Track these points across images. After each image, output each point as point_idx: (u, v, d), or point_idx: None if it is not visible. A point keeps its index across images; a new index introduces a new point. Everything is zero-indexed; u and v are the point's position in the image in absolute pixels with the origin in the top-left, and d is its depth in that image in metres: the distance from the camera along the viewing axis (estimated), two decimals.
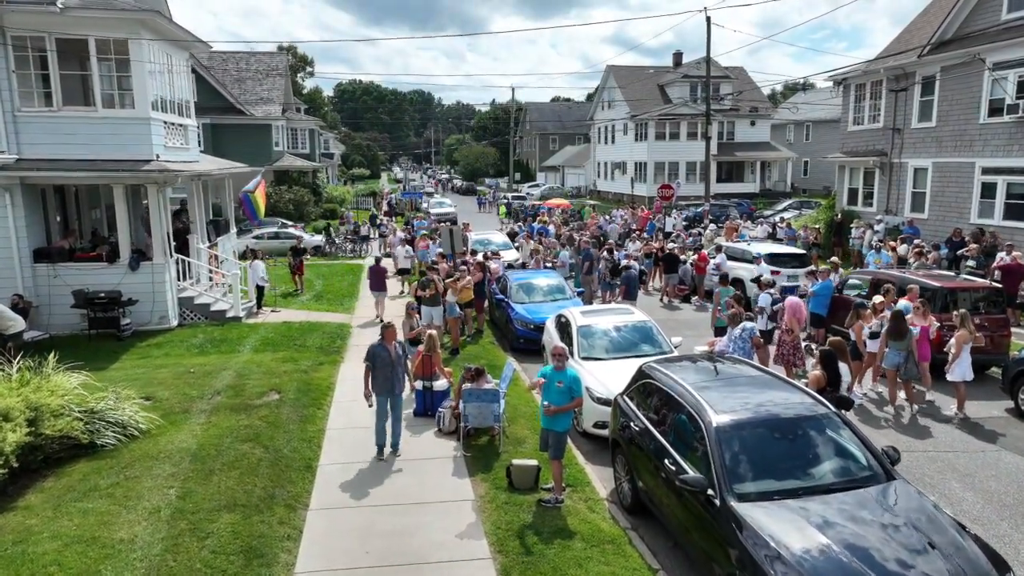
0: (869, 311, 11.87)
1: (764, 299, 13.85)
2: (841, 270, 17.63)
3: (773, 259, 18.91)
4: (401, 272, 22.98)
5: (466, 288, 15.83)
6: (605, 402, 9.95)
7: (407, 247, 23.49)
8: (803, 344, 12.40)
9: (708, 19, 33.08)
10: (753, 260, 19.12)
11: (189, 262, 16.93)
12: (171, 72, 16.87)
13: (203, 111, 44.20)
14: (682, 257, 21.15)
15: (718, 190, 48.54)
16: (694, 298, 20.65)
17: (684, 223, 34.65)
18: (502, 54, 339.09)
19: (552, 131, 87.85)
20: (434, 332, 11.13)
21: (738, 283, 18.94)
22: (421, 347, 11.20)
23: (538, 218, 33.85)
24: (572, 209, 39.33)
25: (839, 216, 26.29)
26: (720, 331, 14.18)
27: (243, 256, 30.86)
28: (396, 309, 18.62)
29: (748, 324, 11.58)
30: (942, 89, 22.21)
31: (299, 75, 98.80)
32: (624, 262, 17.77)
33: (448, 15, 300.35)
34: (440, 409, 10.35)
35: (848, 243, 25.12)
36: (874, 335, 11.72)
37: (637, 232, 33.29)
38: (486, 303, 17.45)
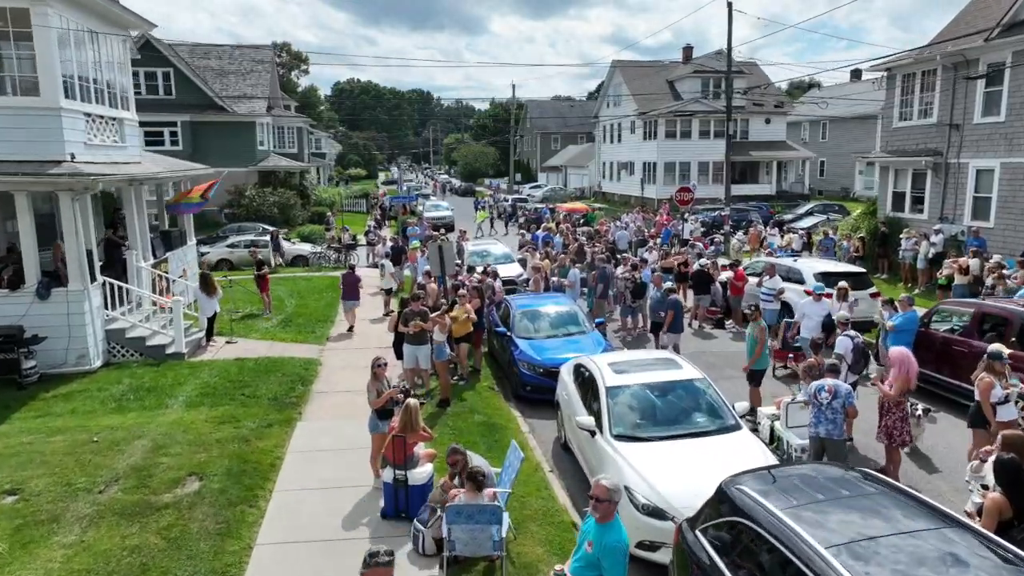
0: (1006, 363, 8.75)
1: (843, 344, 10.72)
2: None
3: (824, 279, 15.82)
4: (385, 291, 19.84)
5: (464, 321, 12.76)
6: (654, 512, 6.87)
7: (386, 263, 20.31)
8: (913, 409, 9.30)
9: (730, 5, 29.97)
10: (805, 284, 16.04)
11: (120, 286, 13.80)
12: (97, 53, 13.76)
13: (181, 108, 41.24)
14: (718, 276, 18.02)
15: (733, 192, 45.43)
16: (728, 323, 17.54)
17: (701, 229, 31.56)
18: (502, 54, 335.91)
19: (554, 130, 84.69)
20: (414, 403, 8.02)
21: (786, 308, 15.88)
22: (394, 420, 8.13)
23: (543, 224, 30.64)
24: (590, 215, 35.98)
25: (884, 225, 23.18)
26: (755, 376, 11.19)
27: (215, 268, 28.03)
28: (378, 335, 15.57)
29: (836, 384, 8.47)
30: (1014, 78, 19.12)
31: (293, 73, 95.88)
32: (668, 284, 14.57)
33: (447, 14, 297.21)
34: (417, 524, 7.21)
35: (896, 256, 22.04)
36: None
37: (651, 238, 30.25)
38: (484, 333, 14.37)
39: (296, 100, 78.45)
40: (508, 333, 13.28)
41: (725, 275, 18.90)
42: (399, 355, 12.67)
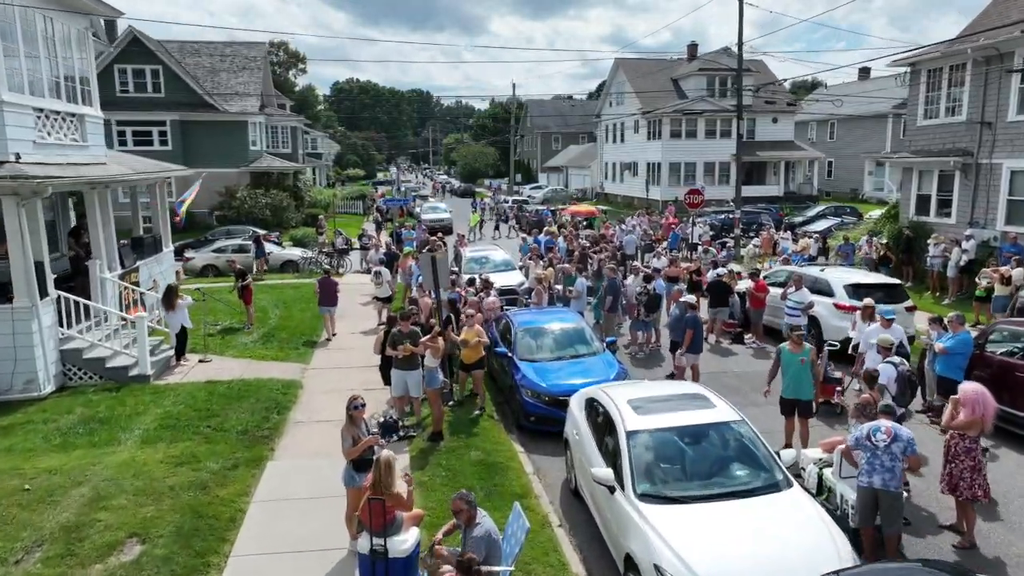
0: None
1: (887, 372, 9.32)
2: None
3: (856, 291, 14.44)
4: (381, 300, 18.39)
5: (476, 345, 11.40)
6: None
7: (382, 269, 18.78)
8: (982, 451, 7.90)
9: None
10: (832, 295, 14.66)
11: (77, 301, 12.38)
12: (51, 41, 12.37)
13: (170, 106, 39.82)
14: (736, 286, 16.62)
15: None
16: (748, 338, 16.14)
17: (710, 232, 30.15)
18: (502, 54, 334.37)
19: (555, 130, 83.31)
20: (387, 456, 6.60)
21: (814, 323, 14.49)
22: (369, 476, 6.74)
23: (545, 228, 29.18)
24: (594, 219, 34.32)
25: (908, 229, 21.77)
26: (787, 406, 9.84)
27: (201, 274, 26.62)
28: (368, 352, 14.17)
29: (895, 428, 7.07)
30: None
31: (291, 72, 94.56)
32: (687, 298, 12.99)
33: (446, 15, 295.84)
34: None
35: (922, 263, 20.66)
36: None
37: (656, 241, 28.84)
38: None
39: (294, 100, 77.16)
40: (509, 354, 11.86)
41: (743, 284, 17.53)
42: (387, 380, 11.28)
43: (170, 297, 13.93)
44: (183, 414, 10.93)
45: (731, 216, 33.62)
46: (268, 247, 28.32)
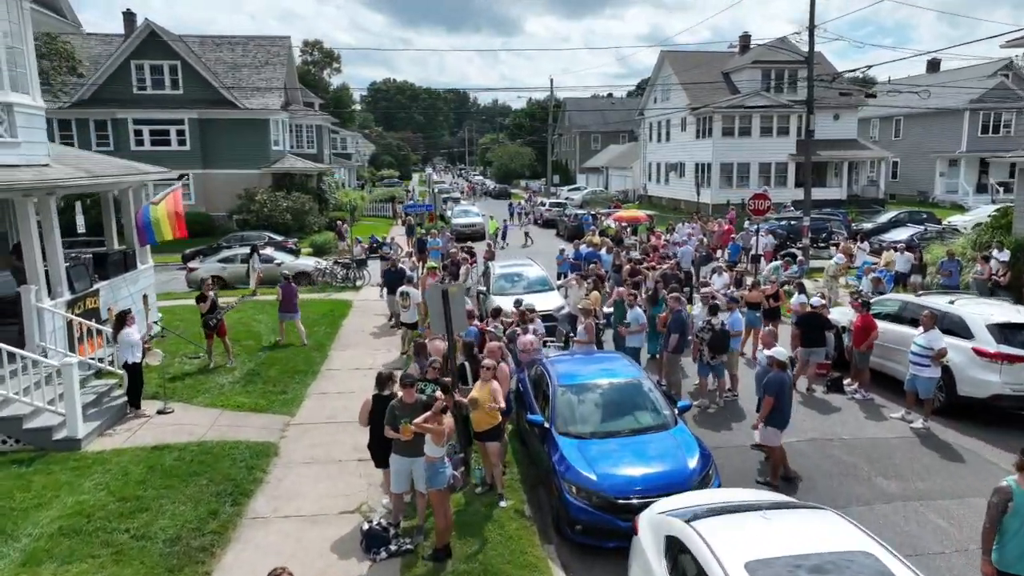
0: None
1: None
2: None
3: (1006, 334, 10.96)
4: (407, 325, 15.38)
5: (490, 411, 8.31)
6: None
7: (410, 289, 15.70)
8: None
9: None
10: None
11: None
12: None
13: (189, 104, 37.60)
14: (839, 322, 13.20)
15: (797, 196, 40.17)
16: (849, 384, 12.71)
17: (774, 242, 26.53)
18: (537, 53, 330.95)
19: (594, 129, 79.84)
20: None
21: (945, 373, 11.03)
22: None
23: (586, 237, 25.85)
24: (644, 225, 30.58)
25: None
26: None
27: (198, 289, 23.89)
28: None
29: None
30: None
31: (325, 71, 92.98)
32: (775, 353, 9.39)
33: (483, 16, 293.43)
34: None
35: None
36: None
37: (712, 250, 25.31)
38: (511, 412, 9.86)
39: (328, 99, 75.17)
40: (545, 424, 8.71)
41: (837, 313, 14.10)
42: (379, 462, 8.22)
43: (117, 325, 11.16)
44: (100, 507, 8.02)
45: (794, 222, 29.97)
46: (279, 256, 25.59)
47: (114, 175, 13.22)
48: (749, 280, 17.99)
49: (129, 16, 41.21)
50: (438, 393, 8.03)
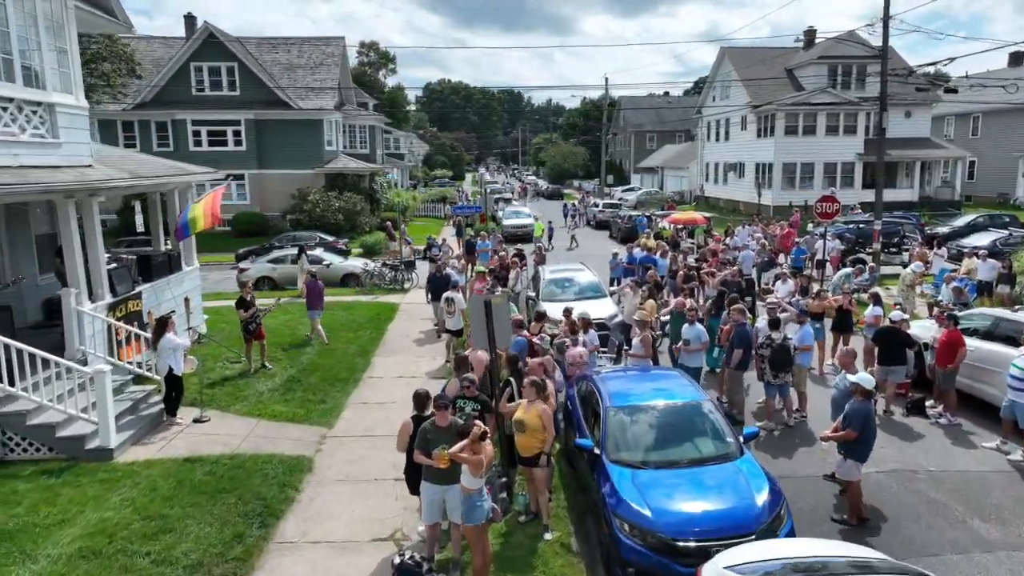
0: None
1: None
2: None
3: None
4: (451, 333, 14.79)
5: (538, 429, 7.64)
6: None
7: (455, 295, 15.13)
8: None
9: None
10: None
11: (21, 348, 9.34)
12: None
13: (245, 105, 38.04)
14: (921, 338, 12.03)
15: (865, 198, 38.24)
16: (932, 406, 11.53)
17: (840, 247, 25.05)
18: (592, 52, 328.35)
19: (649, 128, 78.18)
20: None
21: None
22: None
23: (639, 240, 24.84)
24: (701, 228, 29.19)
25: None
26: None
27: (256, 287, 23.74)
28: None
29: None
30: None
31: (380, 72, 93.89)
32: (860, 380, 8.20)
33: (537, 15, 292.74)
34: None
35: None
36: None
37: (774, 254, 23.90)
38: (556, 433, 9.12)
39: (383, 100, 75.74)
40: (596, 450, 7.94)
41: (917, 327, 12.88)
42: (414, 488, 7.60)
43: (157, 332, 10.85)
44: (123, 526, 7.63)
45: (863, 226, 28.33)
46: (328, 257, 25.43)
47: (156, 176, 13.02)
48: (815, 287, 16.84)
49: (190, 19, 41.99)
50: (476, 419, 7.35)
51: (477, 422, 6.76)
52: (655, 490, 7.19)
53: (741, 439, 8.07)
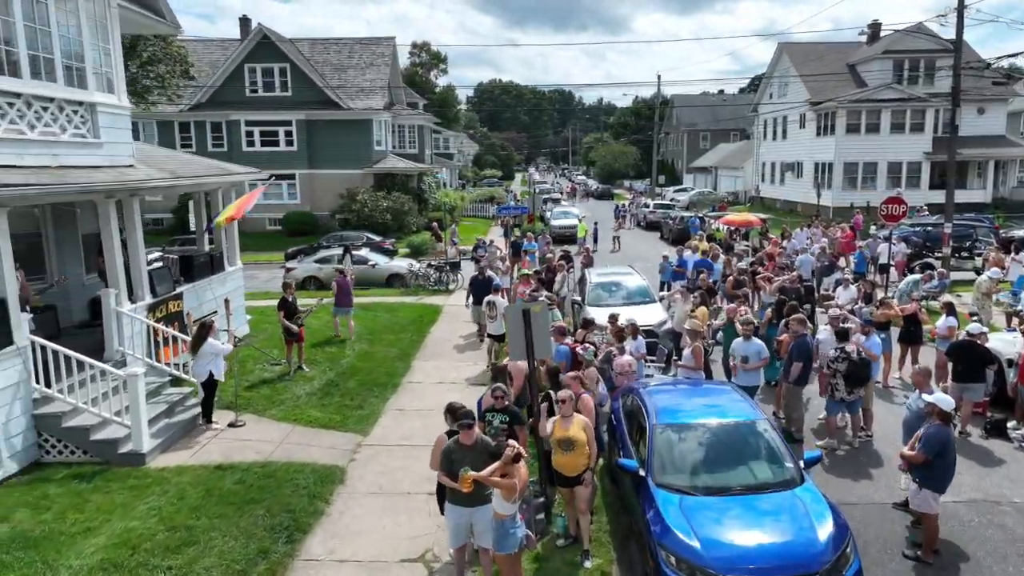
0: None
1: None
2: None
3: None
4: (494, 337, 14.34)
5: (584, 444, 7.15)
6: None
7: (496, 299, 14.70)
8: None
9: None
10: None
11: (57, 350, 9.25)
12: (38, 3, 9.38)
13: (296, 105, 38.44)
14: (1002, 353, 11.04)
15: (932, 199, 36.34)
16: (1012, 426, 10.55)
17: (906, 251, 23.67)
18: (645, 50, 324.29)
19: (703, 127, 76.45)
20: None
21: None
22: None
23: (690, 242, 23.93)
24: (756, 229, 27.90)
25: None
26: None
27: (302, 287, 23.72)
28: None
29: None
30: None
31: (432, 72, 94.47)
32: (938, 401, 7.36)
33: (590, 14, 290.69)
34: None
35: None
36: None
37: (834, 258, 22.65)
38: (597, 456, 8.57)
39: (433, 100, 76.01)
40: (640, 472, 7.36)
41: (997, 341, 11.84)
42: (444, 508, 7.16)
43: (199, 336, 10.65)
44: (148, 537, 7.40)
45: (931, 228, 26.76)
46: (373, 257, 25.32)
47: (197, 176, 12.95)
48: (880, 295, 15.80)
49: (245, 22, 42.72)
50: (509, 440, 6.85)
51: (512, 442, 6.26)
52: (705, 519, 6.57)
53: (801, 464, 7.37)
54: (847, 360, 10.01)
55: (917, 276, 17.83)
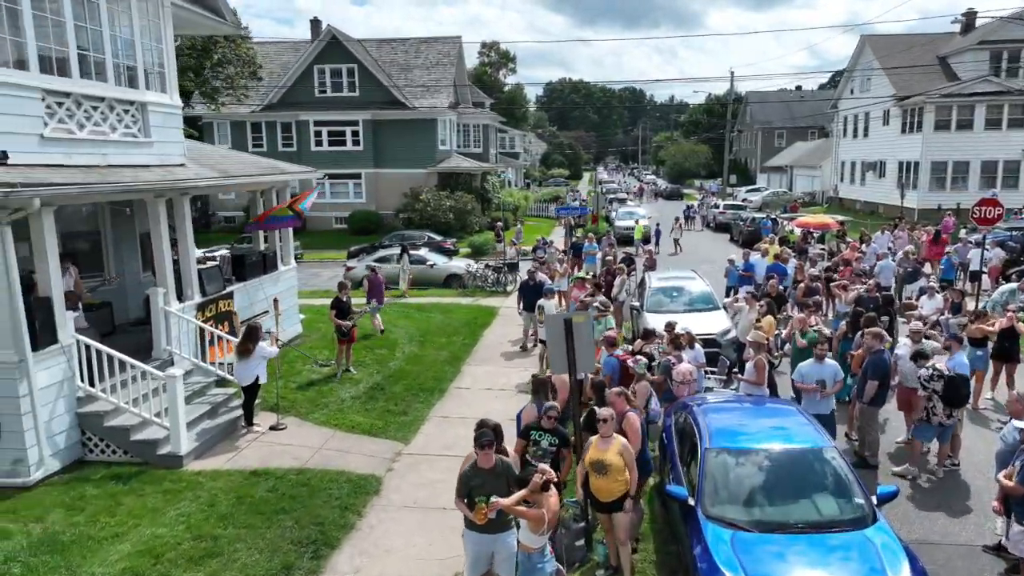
0: None
1: None
2: None
3: None
4: (543, 342, 13.81)
5: (620, 469, 6.57)
6: None
7: (546, 302, 14.22)
8: None
9: None
10: None
11: (100, 349, 9.24)
12: (90, 3, 9.40)
13: (364, 105, 38.87)
14: None
15: None
16: None
17: (1003, 256, 21.79)
18: (719, 47, 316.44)
19: (778, 124, 73.65)
20: None
21: None
22: None
23: (758, 245, 22.69)
24: (833, 232, 26.21)
25: None
26: None
27: (360, 286, 23.73)
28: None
29: None
30: None
31: (500, 72, 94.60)
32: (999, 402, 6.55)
33: (662, 11, 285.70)
34: None
35: None
36: None
37: (919, 263, 20.96)
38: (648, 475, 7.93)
39: (502, 99, 76.00)
40: (690, 501, 6.68)
41: None
42: None
43: (246, 341, 10.49)
44: (173, 545, 7.21)
45: None
46: (431, 257, 25.14)
47: (248, 175, 12.93)
48: (969, 305, 14.44)
49: (315, 23, 43.50)
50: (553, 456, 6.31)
51: (543, 466, 5.72)
52: (759, 560, 5.86)
53: (874, 500, 6.54)
54: (941, 378, 8.98)
55: (1013, 285, 16.29)
